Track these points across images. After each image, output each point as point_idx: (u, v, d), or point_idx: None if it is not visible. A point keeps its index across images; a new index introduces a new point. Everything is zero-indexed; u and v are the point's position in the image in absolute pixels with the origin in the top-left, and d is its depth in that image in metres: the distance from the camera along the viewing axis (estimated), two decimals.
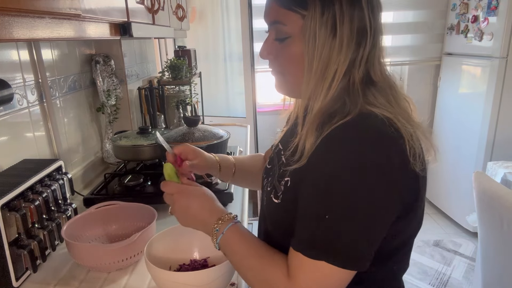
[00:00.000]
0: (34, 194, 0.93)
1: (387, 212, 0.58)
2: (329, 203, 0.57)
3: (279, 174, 0.72)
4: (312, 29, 0.60)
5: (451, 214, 3.06)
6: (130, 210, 1.08)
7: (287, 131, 0.82)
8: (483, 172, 1.59)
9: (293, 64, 0.65)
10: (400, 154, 0.57)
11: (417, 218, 0.67)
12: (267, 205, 0.74)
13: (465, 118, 2.83)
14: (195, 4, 2.92)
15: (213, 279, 0.76)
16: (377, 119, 0.58)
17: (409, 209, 0.62)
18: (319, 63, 0.61)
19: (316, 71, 0.61)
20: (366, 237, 0.57)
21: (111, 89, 1.65)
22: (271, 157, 0.84)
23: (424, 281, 2.38)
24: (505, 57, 2.48)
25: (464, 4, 2.76)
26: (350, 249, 0.56)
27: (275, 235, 0.71)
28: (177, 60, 2.12)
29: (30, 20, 0.62)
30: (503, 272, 1.46)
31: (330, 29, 0.60)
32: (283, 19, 0.63)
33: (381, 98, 0.63)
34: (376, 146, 0.56)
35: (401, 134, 0.58)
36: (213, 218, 0.69)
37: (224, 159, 0.94)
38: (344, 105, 0.62)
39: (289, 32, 0.63)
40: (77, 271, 0.95)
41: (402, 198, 0.59)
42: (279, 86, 0.73)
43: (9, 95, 1.02)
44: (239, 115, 2.94)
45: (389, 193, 0.57)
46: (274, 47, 0.67)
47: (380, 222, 0.58)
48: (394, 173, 0.57)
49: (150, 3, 1.28)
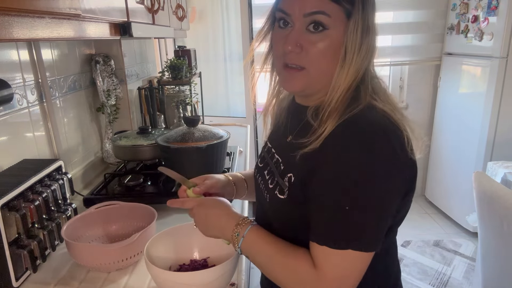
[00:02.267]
0: (34, 194, 0.93)
1: (397, 196, 0.64)
2: (348, 195, 0.60)
3: (281, 172, 0.74)
4: (356, 24, 0.64)
5: (451, 214, 3.06)
6: (130, 210, 1.08)
7: (276, 129, 0.84)
8: (483, 172, 1.59)
9: (323, 57, 0.66)
10: (402, 144, 0.63)
11: (411, 199, 0.72)
12: (270, 202, 0.75)
13: (465, 118, 2.83)
14: (195, 4, 2.92)
15: (213, 279, 0.76)
16: (380, 113, 0.64)
17: (408, 191, 0.67)
18: (358, 56, 0.65)
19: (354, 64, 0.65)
20: (383, 220, 0.63)
21: (111, 89, 1.65)
22: (262, 156, 0.86)
23: (424, 281, 2.38)
24: (505, 57, 2.48)
25: (464, 4, 2.76)
26: (372, 234, 0.61)
27: (278, 230, 0.73)
28: (177, 60, 2.12)
29: (30, 20, 0.62)
30: (503, 272, 1.46)
31: (366, 26, 0.65)
32: (329, 10, 0.64)
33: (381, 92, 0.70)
34: (384, 139, 0.61)
35: (398, 126, 0.63)
36: (231, 223, 0.72)
37: (234, 176, 0.95)
38: (354, 93, 0.67)
39: (330, 24, 0.64)
40: (77, 271, 0.95)
41: (406, 182, 0.65)
42: (298, 83, 0.69)
43: (9, 95, 1.02)
44: (239, 115, 2.94)
45: (398, 179, 0.63)
46: (305, 39, 0.66)
47: (392, 206, 0.64)
48: (401, 161, 0.62)
49: (150, 3, 1.28)
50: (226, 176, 0.92)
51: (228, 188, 0.91)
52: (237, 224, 0.71)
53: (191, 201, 0.79)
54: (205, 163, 1.27)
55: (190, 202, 0.79)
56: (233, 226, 0.71)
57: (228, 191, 0.91)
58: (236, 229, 0.71)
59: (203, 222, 0.76)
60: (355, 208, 0.60)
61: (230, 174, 0.96)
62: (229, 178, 0.93)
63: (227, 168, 1.45)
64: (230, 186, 0.92)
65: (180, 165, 1.28)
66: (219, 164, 1.32)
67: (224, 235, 0.74)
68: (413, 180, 0.67)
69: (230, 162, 1.58)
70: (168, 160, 1.32)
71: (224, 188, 0.90)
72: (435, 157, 3.24)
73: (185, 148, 1.23)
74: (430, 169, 3.32)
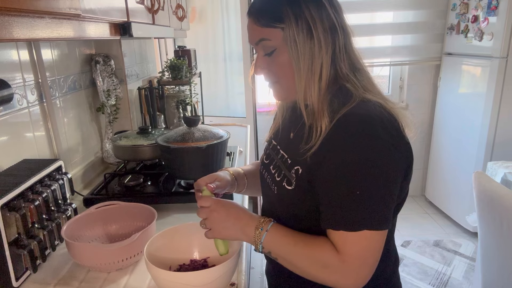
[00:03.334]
0: (34, 194, 0.93)
1: (400, 175, 0.70)
2: (357, 180, 0.66)
3: (288, 166, 0.79)
4: (292, 36, 0.71)
5: (451, 214, 3.06)
6: (130, 210, 1.08)
7: (279, 128, 0.91)
8: (483, 172, 1.59)
9: (284, 70, 0.75)
10: (398, 130, 0.70)
11: (409, 182, 0.77)
12: (278, 193, 0.80)
13: (465, 118, 2.83)
14: (195, 4, 2.92)
15: (213, 279, 0.76)
16: (375, 105, 0.70)
17: (407, 172, 0.73)
18: (305, 62, 0.71)
19: (304, 69, 0.72)
20: (390, 199, 0.68)
21: (111, 89, 1.65)
22: (268, 153, 0.92)
23: (424, 281, 2.38)
24: (505, 57, 2.48)
25: (464, 4, 2.76)
26: (382, 213, 0.67)
27: (285, 222, 0.77)
28: (177, 60, 2.12)
29: (30, 20, 0.62)
30: (503, 272, 1.46)
31: (306, 33, 0.71)
32: (266, 36, 0.74)
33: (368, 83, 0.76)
34: (382, 127, 0.67)
35: (392, 114, 0.71)
36: (253, 222, 0.76)
37: (236, 172, 1.00)
38: (347, 90, 0.73)
39: (274, 45, 0.74)
40: (77, 271, 0.95)
41: (406, 162, 0.71)
42: (277, 94, 0.82)
43: (9, 95, 1.02)
44: (239, 115, 2.94)
45: (399, 160, 0.69)
46: (265, 62, 0.77)
47: (397, 185, 0.70)
48: (400, 146, 0.69)
49: (150, 3, 1.28)
50: (230, 174, 0.97)
51: (232, 185, 0.96)
52: (259, 222, 0.75)
53: (209, 199, 0.80)
54: (205, 163, 1.28)
55: (208, 200, 0.79)
56: (256, 223, 0.75)
57: (231, 187, 0.96)
58: (259, 225, 0.75)
59: (223, 220, 0.77)
60: (365, 191, 0.65)
61: (232, 169, 1.00)
62: (233, 176, 0.97)
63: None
64: (233, 184, 0.96)
65: (180, 165, 1.28)
66: (219, 164, 1.32)
67: (244, 232, 0.76)
68: (411, 160, 0.74)
69: (230, 162, 1.58)
70: (168, 160, 1.32)
71: (228, 184, 0.94)
72: (435, 157, 3.24)
73: (185, 148, 1.23)
74: (430, 169, 3.32)
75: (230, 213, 0.78)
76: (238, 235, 0.77)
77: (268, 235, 0.73)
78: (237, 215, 0.77)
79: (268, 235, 0.73)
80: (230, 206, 0.79)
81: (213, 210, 0.78)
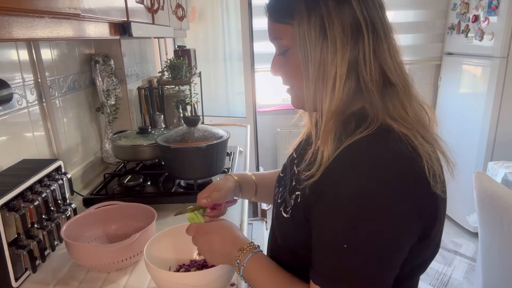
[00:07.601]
0: (33, 194, 0.92)
1: (407, 235, 0.56)
2: (347, 230, 0.54)
3: (290, 188, 0.71)
4: (301, 34, 0.59)
5: (452, 214, 3.06)
6: (130, 210, 1.08)
7: (302, 141, 0.80)
8: (484, 172, 1.59)
9: (296, 74, 0.64)
10: (419, 175, 0.55)
11: (436, 241, 0.64)
12: (276, 218, 0.73)
13: (466, 118, 2.83)
14: (195, 3, 2.92)
15: (213, 279, 0.76)
16: (395, 138, 0.56)
17: (428, 231, 0.59)
18: (314, 66, 0.59)
19: (313, 75, 0.59)
20: (388, 263, 0.55)
21: (111, 89, 1.65)
22: (285, 165, 0.83)
23: (424, 281, 2.38)
24: (505, 57, 2.48)
25: (464, 3, 2.76)
26: (372, 277, 0.54)
27: (284, 248, 0.71)
28: (177, 60, 2.12)
29: (30, 19, 0.62)
30: (503, 272, 1.46)
31: (319, 31, 0.58)
32: (279, 33, 0.64)
33: (399, 106, 0.60)
34: (395, 169, 0.54)
35: (418, 153, 0.56)
36: (235, 249, 0.69)
37: (243, 177, 0.92)
38: (363, 110, 0.61)
39: (286, 44, 0.64)
40: (76, 271, 0.94)
41: (422, 220, 0.57)
42: (292, 101, 0.70)
43: (8, 95, 1.02)
44: (239, 115, 2.94)
45: (409, 216, 0.55)
46: (279, 62, 0.68)
47: (400, 247, 0.56)
48: (414, 196, 0.55)
49: (149, 2, 1.28)
50: (234, 180, 0.89)
51: (235, 191, 0.89)
52: (240, 250, 0.69)
53: (191, 228, 0.76)
54: (205, 163, 1.27)
55: (191, 230, 0.75)
56: (236, 252, 0.69)
57: (235, 193, 0.90)
58: (238, 255, 0.68)
59: (208, 250, 0.73)
60: (353, 246, 0.54)
61: (237, 174, 0.92)
62: (237, 182, 0.89)
63: (227, 168, 1.45)
64: (237, 190, 0.90)
65: (180, 165, 1.27)
66: (219, 164, 1.32)
67: (230, 262, 0.71)
68: (433, 217, 0.59)
69: (230, 162, 1.58)
70: (168, 160, 1.31)
71: (231, 191, 0.87)
72: None
73: (185, 148, 1.23)
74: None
75: (213, 242, 0.72)
76: (228, 263, 0.73)
77: (245, 269, 0.68)
78: (220, 243, 0.72)
79: (245, 269, 0.68)
80: (214, 233, 0.73)
81: (197, 240, 0.74)
